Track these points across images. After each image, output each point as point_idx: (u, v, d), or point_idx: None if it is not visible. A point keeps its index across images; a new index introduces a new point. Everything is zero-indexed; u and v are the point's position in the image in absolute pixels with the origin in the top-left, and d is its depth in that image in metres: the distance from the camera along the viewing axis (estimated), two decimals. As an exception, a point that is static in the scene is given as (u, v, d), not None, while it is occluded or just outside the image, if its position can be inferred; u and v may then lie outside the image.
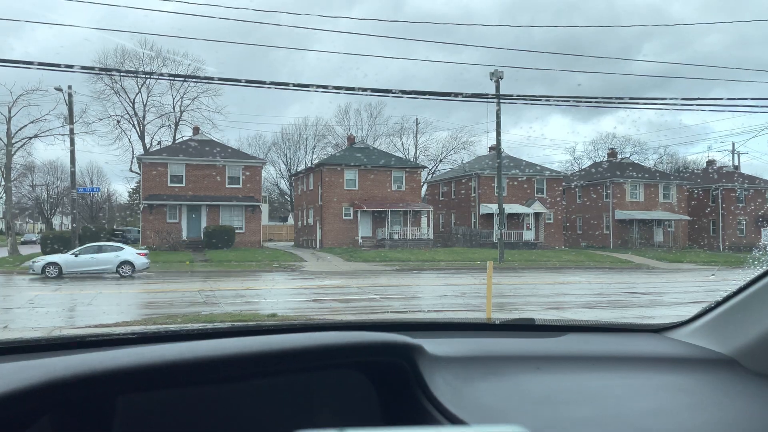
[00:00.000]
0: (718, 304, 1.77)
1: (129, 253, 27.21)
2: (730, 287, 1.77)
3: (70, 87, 32.54)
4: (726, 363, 1.61)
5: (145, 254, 27.83)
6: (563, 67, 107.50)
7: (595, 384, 1.49)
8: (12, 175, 47.28)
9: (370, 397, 1.37)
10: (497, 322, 2.01)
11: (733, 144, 66.09)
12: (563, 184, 54.42)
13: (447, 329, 1.98)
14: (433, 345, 1.50)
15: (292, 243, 55.09)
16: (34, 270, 26.07)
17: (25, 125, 44.47)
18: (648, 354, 1.70)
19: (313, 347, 1.26)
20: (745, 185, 56.92)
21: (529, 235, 49.29)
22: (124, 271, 26.26)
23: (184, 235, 42.34)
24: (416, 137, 71.05)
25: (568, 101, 22.27)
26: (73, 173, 34.03)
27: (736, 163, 64.71)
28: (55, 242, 34.92)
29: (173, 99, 58.93)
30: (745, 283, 1.70)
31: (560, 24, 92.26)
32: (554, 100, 22.27)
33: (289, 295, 20.26)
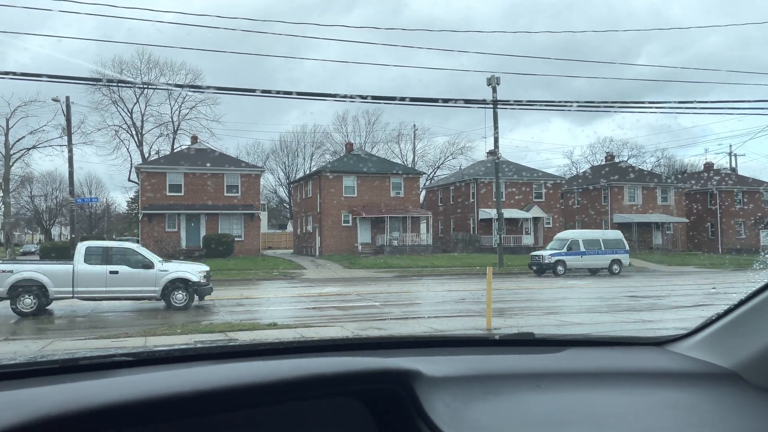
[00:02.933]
0: (720, 316, 1.75)
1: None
2: (730, 289, 1.76)
3: (68, 98, 32.61)
4: (728, 377, 1.59)
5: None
6: (563, 71, 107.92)
7: (596, 402, 1.47)
8: (10, 186, 47.30)
9: (368, 425, 1.35)
10: (497, 336, 1.99)
11: (731, 146, 66.21)
12: (562, 188, 54.48)
13: (446, 345, 1.96)
14: (431, 365, 1.48)
15: (292, 250, 55.04)
16: None
17: (23, 136, 44.63)
18: (650, 369, 1.69)
19: (305, 377, 1.24)
20: (744, 188, 56.99)
21: (528, 240, 49.31)
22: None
23: (183, 244, 42.30)
24: (414, 143, 71.15)
25: (566, 106, 22.31)
26: (71, 180, 34.01)
27: (734, 165, 64.84)
28: (54, 253, 34.89)
29: (171, 108, 59.04)
30: (747, 295, 1.68)
31: (560, 26, 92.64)
32: (552, 105, 22.31)
33: (289, 303, 20.21)
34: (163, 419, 1.11)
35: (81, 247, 17.09)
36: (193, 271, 17.25)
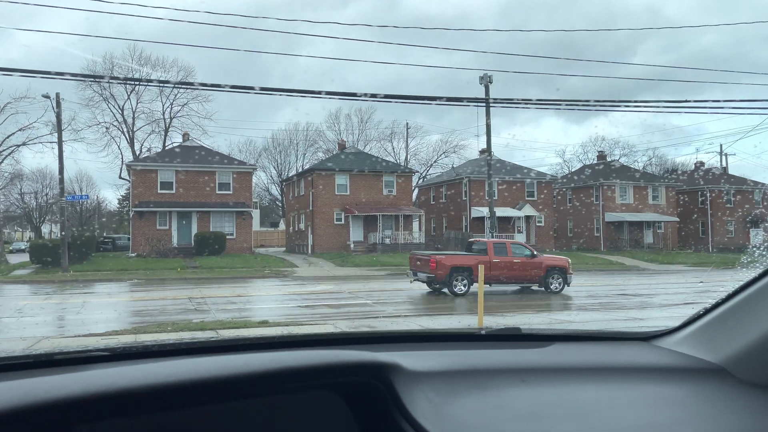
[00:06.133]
0: (708, 311, 1.73)
1: None
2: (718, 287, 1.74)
3: (58, 94, 32.31)
4: (716, 372, 1.58)
5: None
6: (558, 69, 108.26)
7: (582, 397, 1.45)
8: (0, 183, 46.93)
9: (347, 420, 1.32)
10: (483, 332, 1.97)
11: (721, 146, 66.59)
12: (554, 187, 54.65)
13: (431, 340, 1.93)
14: (415, 359, 1.45)
15: (284, 248, 54.92)
16: None
17: (13, 133, 44.14)
18: (637, 364, 1.67)
19: (279, 370, 1.21)
20: (734, 187, 57.33)
21: (520, 238, 49.38)
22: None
23: (175, 241, 42.10)
24: (407, 141, 71.16)
25: (558, 104, 22.35)
26: (61, 178, 33.78)
27: (724, 164, 65.21)
28: (43, 250, 34.61)
29: (163, 105, 58.72)
30: (734, 289, 1.67)
31: (556, 23, 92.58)
32: (543, 103, 22.33)
33: (281, 301, 20.16)
34: (132, 413, 1.07)
35: None
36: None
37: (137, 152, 57.32)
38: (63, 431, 1.03)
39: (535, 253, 21.07)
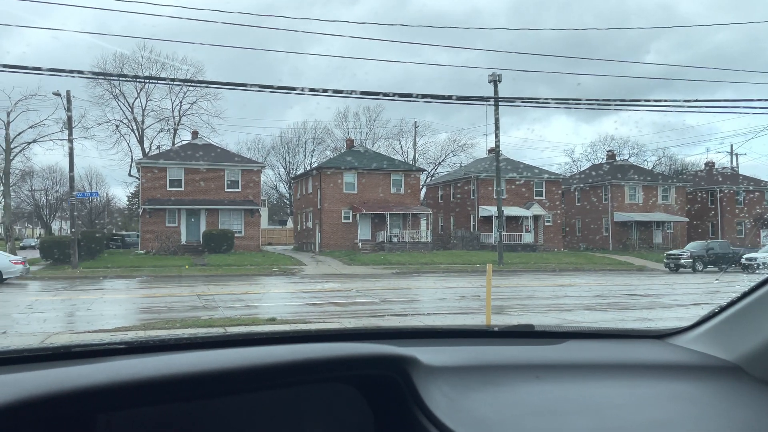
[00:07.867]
0: (722, 309, 1.73)
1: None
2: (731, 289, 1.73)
3: (68, 92, 32.51)
4: (730, 370, 1.57)
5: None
6: (569, 68, 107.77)
7: (596, 393, 1.45)
8: (11, 180, 47.28)
9: (364, 412, 1.33)
10: (496, 328, 1.97)
11: (732, 145, 66.13)
12: (562, 186, 54.44)
13: (445, 336, 1.94)
14: (429, 354, 1.46)
15: (292, 246, 55.04)
16: None
17: (24, 130, 44.48)
18: (651, 361, 1.67)
19: (299, 361, 1.21)
20: (748, 187, 56.88)
21: (528, 238, 49.27)
22: None
23: (184, 239, 42.30)
24: (415, 140, 71.06)
25: (568, 102, 22.29)
26: (71, 178, 34.00)
27: (735, 164, 64.73)
28: (54, 247, 34.85)
29: (172, 103, 58.96)
30: (749, 288, 1.66)
31: (568, 20, 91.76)
32: (555, 102, 22.27)
33: (289, 299, 20.21)
34: (152, 402, 1.08)
35: None
36: None
37: (147, 150, 57.60)
38: (85, 420, 1.05)
39: None
